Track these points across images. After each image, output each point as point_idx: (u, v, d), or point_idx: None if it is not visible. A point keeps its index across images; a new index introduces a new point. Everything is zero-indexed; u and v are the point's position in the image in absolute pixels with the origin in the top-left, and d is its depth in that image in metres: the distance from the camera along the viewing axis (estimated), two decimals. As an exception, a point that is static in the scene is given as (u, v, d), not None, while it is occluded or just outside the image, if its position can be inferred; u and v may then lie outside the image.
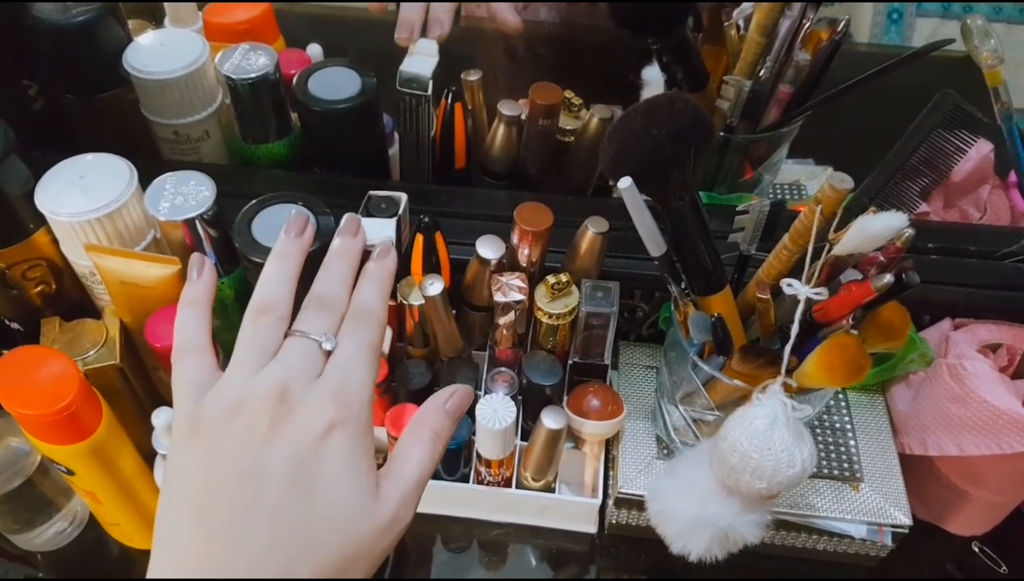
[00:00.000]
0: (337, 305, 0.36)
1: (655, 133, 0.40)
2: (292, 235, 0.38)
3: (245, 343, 0.34)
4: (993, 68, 0.52)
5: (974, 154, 0.60)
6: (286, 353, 0.34)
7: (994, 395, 0.48)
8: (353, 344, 0.34)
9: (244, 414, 0.32)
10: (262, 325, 0.35)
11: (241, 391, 0.32)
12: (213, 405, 0.32)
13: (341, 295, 0.36)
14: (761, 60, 0.54)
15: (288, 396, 0.32)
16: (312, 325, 0.35)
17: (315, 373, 0.33)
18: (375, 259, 0.38)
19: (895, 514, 0.51)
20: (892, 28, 0.93)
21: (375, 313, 0.36)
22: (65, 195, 0.47)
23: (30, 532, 0.53)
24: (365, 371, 0.34)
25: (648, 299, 0.57)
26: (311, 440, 0.31)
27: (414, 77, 0.53)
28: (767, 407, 0.40)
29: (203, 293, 0.37)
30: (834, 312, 0.41)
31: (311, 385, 0.33)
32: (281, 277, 0.37)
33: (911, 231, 0.40)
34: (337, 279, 0.37)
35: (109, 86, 0.58)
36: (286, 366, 0.33)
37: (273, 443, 0.31)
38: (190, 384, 0.33)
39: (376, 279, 0.38)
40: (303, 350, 0.34)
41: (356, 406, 0.33)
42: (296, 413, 0.32)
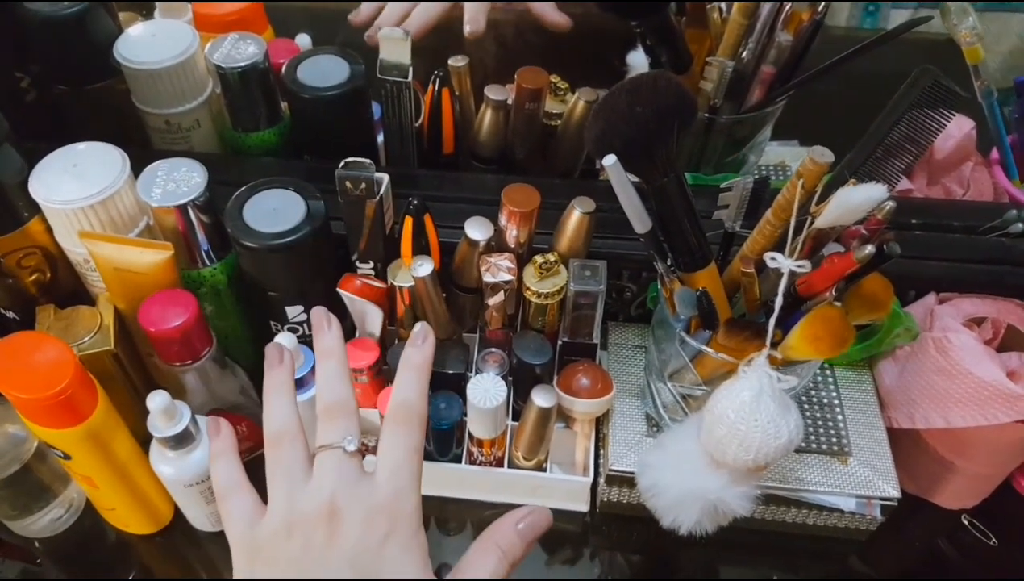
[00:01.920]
0: (345, 406, 0.37)
1: (639, 111, 0.40)
2: (275, 368, 0.40)
3: (274, 473, 0.36)
4: (972, 46, 0.53)
5: (956, 132, 0.61)
6: (319, 471, 0.36)
7: (979, 367, 0.49)
8: (399, 450, 0.36)
9: (298, 533, 0.34)
10: (282, 451, 0.37)
11: (289, 514, 0.35)
12: (265, 532, 0.35)
13: (345, 394, 0.38)
14: (744, 41, 0.54)
15: (336, 509, 0.34)
16: (331, 435, 0.36)
17: (353, 479, 0.35)
18: (415, 345, 0.39)
19: (884, 487, 0.52)
20: (868, 20, 0.94)
21: (416, 410, 0.37)
22: (58, 183, 0.48)
23: (27, 518, 0.53)
24: (412, 477, 0.36)
25: (636, 279, 0.57)
26: (370, 548, 0.33)
27: (395, 64, 0.54)
28: (752, 379, 0.41)
29: (227, 445, 0.40)
30: (818, 285, 0.42)
31: (357, 494, 0.35)
32: (281, 406, 0.38)
33: (892, 203, 0.41)
34: (334, 381, 0.38)
35: (100, 77, 0.58)
36: (325, 482, 0.35)
37: (333, 553, 0.33)
38: (239, 517, 0.36)
39: (415, 368, 0.39)
40: (333, 462, 0.35)
41: (406, 513, 0.35)
42: (347, 524, 0.34)
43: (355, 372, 0.52)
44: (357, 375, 0.52)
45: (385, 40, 0.54)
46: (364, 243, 0.51)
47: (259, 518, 0.36)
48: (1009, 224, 0.55)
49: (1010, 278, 0.54)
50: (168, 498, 0.54)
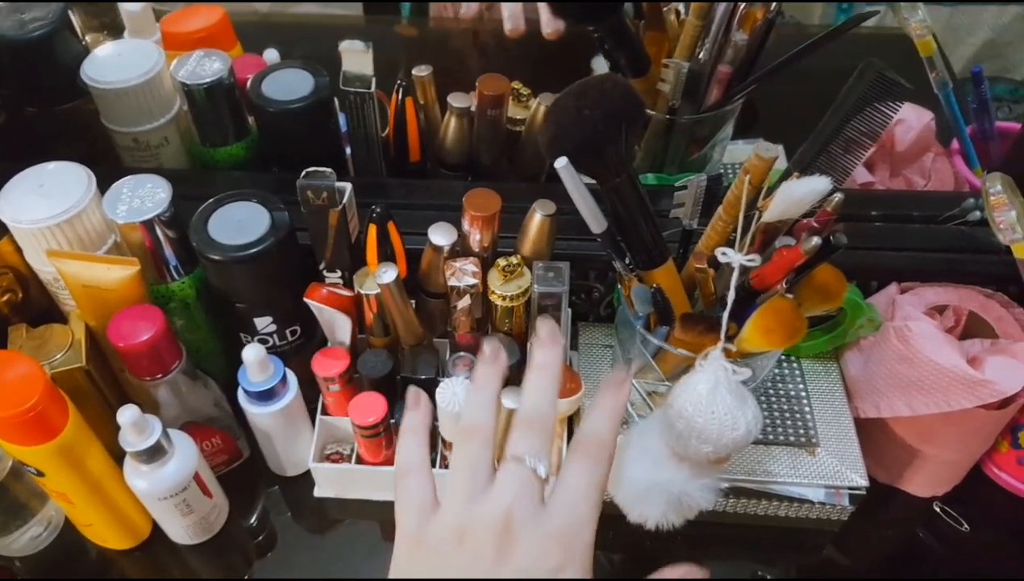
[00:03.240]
0: (546, 426, 0.36)
1: (587, 113, 0.41)
2: (488, 364, 0.39)
3: (459, 468, 0.35)
4: (923, 38, 0.54)
5: (916, 123, 0.62)
6: (503, 481, 0.34)
7: (939, 354, 0.50)
8: (585, 480, 0.35)
9: (469, 542, 0.33)
10: (472, 448, 0.36)
11: (464, 518, 0.33)
12: (437, 529, 0.34)
13: (549, 414, 0.37)
14: (700, 42, 0.55)
15: (511, 527, 0.33)
16: (525, 448, 0.35)
17: (533, 501, 0.34)
18: (613, 387, 0.38)
19: (851, 476, 0.52)
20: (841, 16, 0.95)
21: (607, 447, 0.36)
22: (25, 203, 0.49)
23: (6, 537, 0.54)
24: (591, 512, 0.34)
25: (603, 279, 0.58)
26: (540, 576, 0.32)
27: (358, 76, 0.55)
28: (708, 373, 0.41)
29: (422, 422, 0.39)
30: (770, 278, 0.42)
31: (535, 517, 0.33)
32: (485, 399, 0.37)
33: (840, 196, 0.41)
34: (543, 397, 0.37)
35: (69, 98, 0.59)
36: (507, 495, 0.34)
37: (502, 572, 0.32)
38: (414, 503, 0.35)
39: (612, 409, 0.37)
40: (520, 478, 0.34)
41: (580, 549, 0.33)
42: (521, 545, 0.32)
43: (326, 381, 0.53)
44: (328, 384, 0.53)
45: (347, 52, 0.55)
46: (330, 252, 0.52)
47: (432, 510, 0.35)
48: (968, 212, 0.56)
49: (971, 266, 0.55)
50: (145, 512, 0.54)
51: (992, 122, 0.61)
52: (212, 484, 0.53)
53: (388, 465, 0.55)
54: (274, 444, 0.55)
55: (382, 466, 0.55)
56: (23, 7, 0.58)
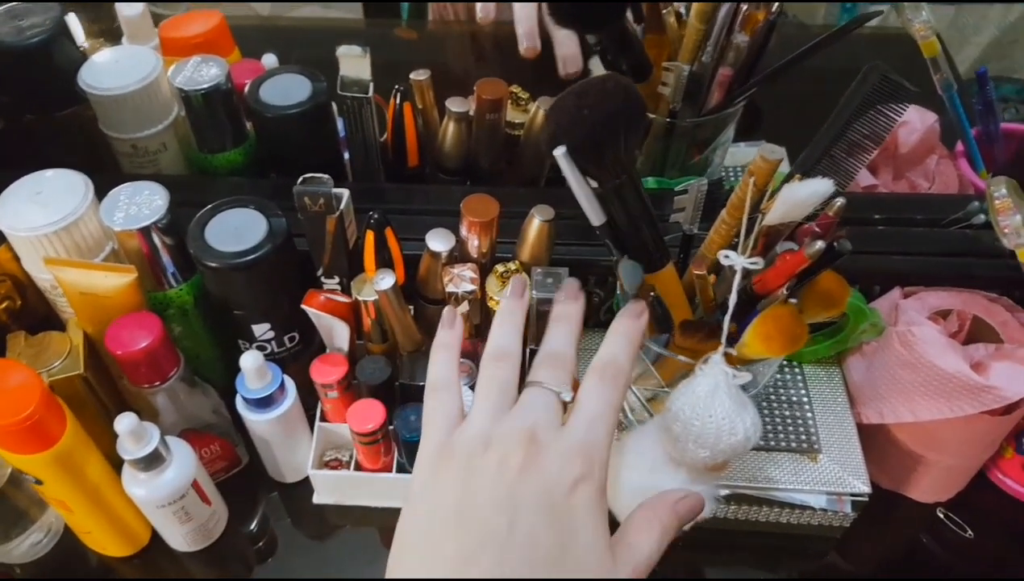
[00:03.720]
0: (567, 363, 0.38)
1: (586, 113, 0.41)
2: (516, 296, 0.41)
3: (487, 385, 0.37)
4: (927, 39, 0.53)
5: (920, 125, 0.61)
6: (530, 400, 0.36)
7: (942, 359, 0.49)
8: (601, 402, 0.36)
9: (495, 449, 0.33)
10: (500, 369, 0.37)
11: (491, 427, 0.34)
12: (464, 437, 0.35)
13: (570, 354, 0.38)
14: (702, 45, 0.55)
15: (536, 439, 0.34)
16: (550, 378, 0.36)
17: (557, 422, 0.35)
18: (630, 315, 0.40)
19: (854, 483, 0.52)
20: (845, 16, 0.94)
21: (623, 372, 0.37)
22: (22, 211, 0.49)
23: (6, 544, 0.54)
24: (608, 431, 0.35)
25: (602, 285, 0.58)
26: (563, 486, 0.33)
27: (355, 81, 0.54)
28: (708, 376, 0.41)
29: (455, 339, 0.40)
30: (772, 282, 0.42)
31: (558, 433, 0.34)
32: (512, 329, 0.39)
33: (842, 200, 0.41)
34: (565, 339, 0.39)
35: (67, 104, 0.59)
36: (532, 412, 0.35)
37: (527, 479, 0.32)
38: (442, 416, 0.36)
39: (627, 336, 0.39)
40: (545, 399, 0.35)
41: (599, 464, 0.34)
42: (545, 457, 0.33)
43: (324, 387, 0.53)
44: (327, 390, 0.53)
45: (344, 57, 0.55)
46: (327, 258, 0.51)
47: (459, 423, 0.35)
48: (972, 216, 0.55)
49: (975, 270, 0.54)
50: (144, 520, 0.54)
51: (997, 124, 0.60)
52: (211, 491, 0.53)
53: (387, 471, 0.54)
54: (273, 451, 0.55)
55: (381, 472, 0.54)
56: (21, 13, 0.57)
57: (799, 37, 0.89)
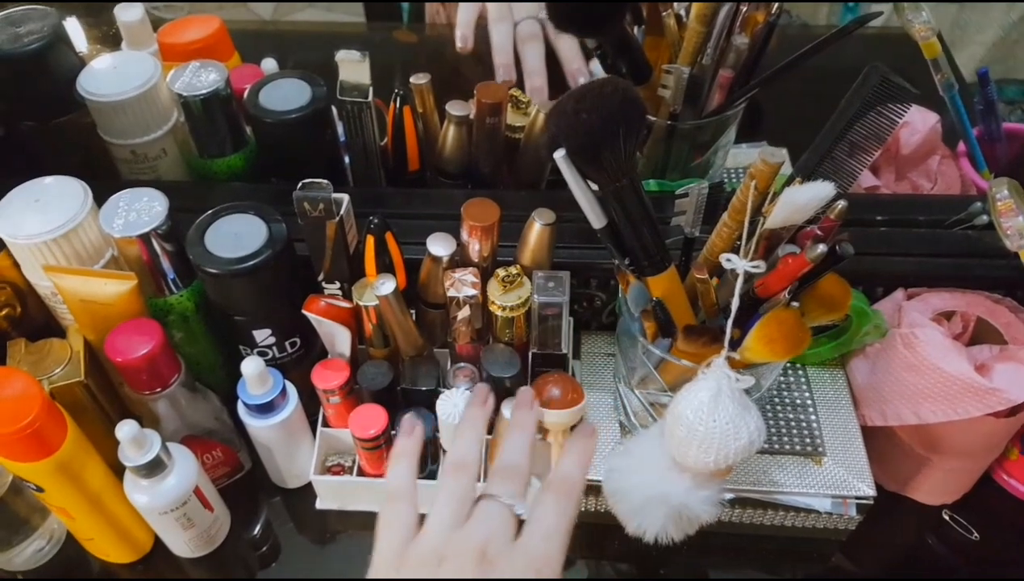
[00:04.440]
0: (522, 474, 0.40)
1: (585, 117, 0.40)
2: (478, 405, 0.44)
3: (445, 498, 0.38)
4: (927, 40, 0.53)
5: (921, 126, 0.61)
6: (485, 514, 0.37)
7: (946, 361, 0.49)
8: (555, 517, 0.38)
9: (448, 565, 0.35)
10: (460, 481, 0.39)
11: (445, 543, 0.36)
12: (420, 551, 0.36)
13: (525, 465, 0.41)
14: (702, 47, 0.54)
15: (488, 555, 0.35)
16: (505, 491, 0.38)
17: (511, 535, 0.37)
18: (584, 436, 0.43)
19: (858, 486, 0.51)
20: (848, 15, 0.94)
21: (578, 487, 0.40)
22: (22, 219, 0.48)
23: (8, 552, 0.53)
24: (561, 547, 0.37)
25: (604, 287, 0.57)
26: None
27: (355, 85, 0.54)
28: (711, 380, 0.40)
29: (414, 447, 0.42)
30: (774, 286, 0.42)
31: (511, 549, 0.36)
32: (473, 438, 0.42)
33: (843, 203, 0.41)
34: (519, 451, 0.41)
35: (66, 111, 0.59)
36: (485, 526, 0.37)
37: None
38: (399, 525, 0.38)
39: (584, 453, 0.42)
40: (499, 513, 0.37)
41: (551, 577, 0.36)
42: (497, 571, 0.35)
43: (326, 393, 0.52)
44: (328, 396, 0.53)
45: (344, 62, 0.55)
46: (328, 264, 0.51)
47: (414, 535, 0.37)
48: (975, 216, 0.55)
49: (978, 270, 0.54)
50: (147, 526, 0.54)
51: (999, 123, 0.60)
52: (213, 497, 0.53)
53: (389, 477, 0.54)
54: (275, 456, 0.55)
55: (383, 478, 0.54)
56: (19, 20, 0.57)
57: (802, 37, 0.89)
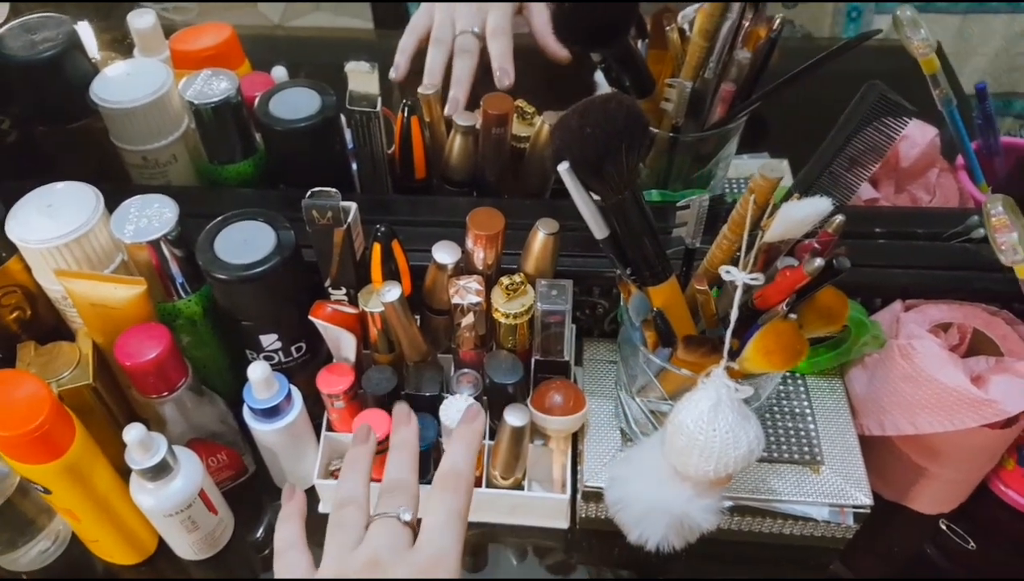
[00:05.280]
0: (406, 487, 0.41)
1: (589, 131, 0.41)
2: (360, 444, 0.45)
3: (333, 531, 0.40)
4: (926, 56, 0.54)
5: (920, 140, 0.62)
6: (373, 532, 0.39)
7: (943, 373, 0.49)
8: (443, 511, 0.39)
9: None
10: (346, 513, 0.40)
11: (340, 567, 0.38)
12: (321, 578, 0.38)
13: (409, 479, 0.42)
14: (705, 61, 0.55)
15: (380, 563, 0.37)
16: (388, 505, 0.40)
17: (402, 544, 0.38)
18: (465, 422, 0.44)
19: (856, 495, 0.52)
20: (851, 26, 0.95)
21: (463, 476, 0.40)
22: (34, 223, 0.49)
23: (13, 553, 0.54)
24: (454, 539, 0.38)
25: (607, 295, 0.58)
26: None
27: (363, 95, 0.55)
28: (710, 390, 0.41)
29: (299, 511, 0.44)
30: (772, 298, 0.42)
31: (402, 555, 0.37)
32: (356, 476, 0.43)
33: (841, 217, 0.41)
34: (403, 467, 0.42)
35: (79, 116, 0.60)
36: (374, 540, 0.38)
37: None
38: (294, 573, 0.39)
39: (465, 441, 0.42)
40: (385, 527, 0.39)
41: (449, 571, 0.37)
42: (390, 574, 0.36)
43: (331, 397, 0.53)
44: (333, 400, 0.53)
45: (353, 72, 0.56)
46: (335, 270, 0.52)
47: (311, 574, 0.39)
48: (972, 229, 0.55)
49: (975, 283, 0.55)
50: (151, 528, 0.54)
51: (997, 137, 0.61)
52: (217, 500, 0.54)
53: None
54: (279, 460, 0.56)
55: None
56: (34, 27, 0.58)
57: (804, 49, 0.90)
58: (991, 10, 0.97)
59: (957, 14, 0.94)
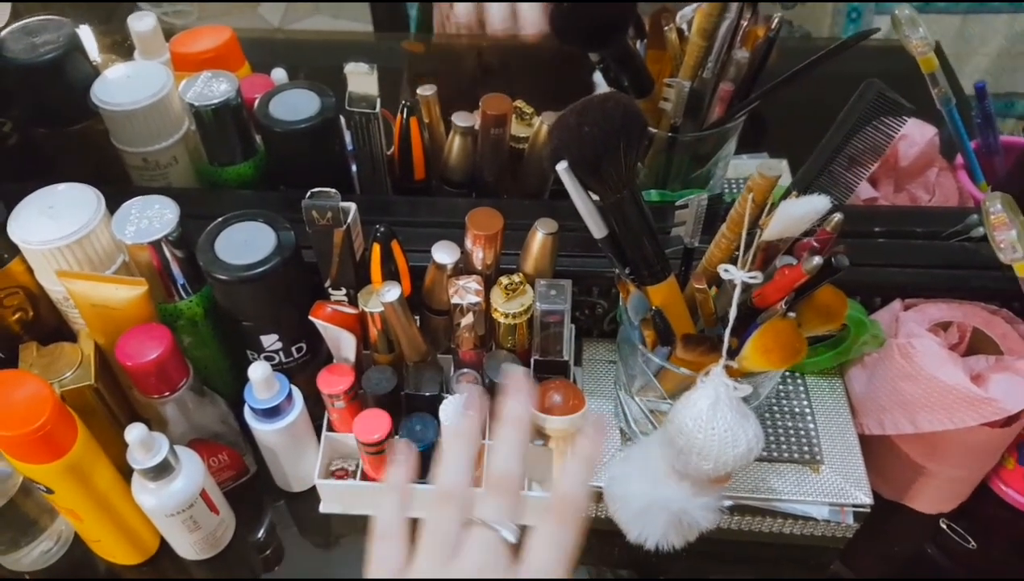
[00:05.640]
0: (514, 486, 0.36)
1: (587, 130, 0.41)
2: (469, 412, 0.39)
3: (432, 533, 0.35)
4: (924, 55, 0.54)
5: (919, 139, 0.62)
6: (472, 547, 0.34)
7: (942, 371, 0.49)
8: (552, 549, 0.34)
9: None
10: (446, 514, 0.35)
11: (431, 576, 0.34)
12: None
13: (517, 473, 0.37)
14: (703, 61, 0.55)
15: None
16: (494, 514, 0.35)
17: (502, 565, 0.34)
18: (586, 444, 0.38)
19: (856, 494, 0.52)
20: (851, 27, 0.95)
21: (578, 509, 0.36)
22: (36, 225, 0.50)
23: (16, 553, 0.54)
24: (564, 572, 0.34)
25: (606, 295, 0.58)
26: None
27: (363, 97, 0.55)
28: (709, 389, 0.41)
29: (405, 480, 0.38)
30: (771, 296, 0.42)
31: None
32: (461, 461, 0.37)
33: (839, 216, 0.42)
34: (512, 455, 0.37)
35: (80, 118, 0.60)
36: (474, 562, 0.34)
37: None
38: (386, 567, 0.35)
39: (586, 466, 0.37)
40: (488, 545, 0.34)
41: None
42: None
43: (331, 397, 0.53)
44: (333, 400, 0.54)
45: (352, 74, 0.56)
46: (335, 270, 0.52)
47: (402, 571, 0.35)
48: (971, 228, 0.55)
49: (975, 282, 0.55)
50: (153, 528, 0.54)
51: (996, 136, 0.61)
52: (219, 500, 0.54)
53: (393, 481, 0.55)
54: (280, 460, 0.56)
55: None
56: (35, 30, 0.59)
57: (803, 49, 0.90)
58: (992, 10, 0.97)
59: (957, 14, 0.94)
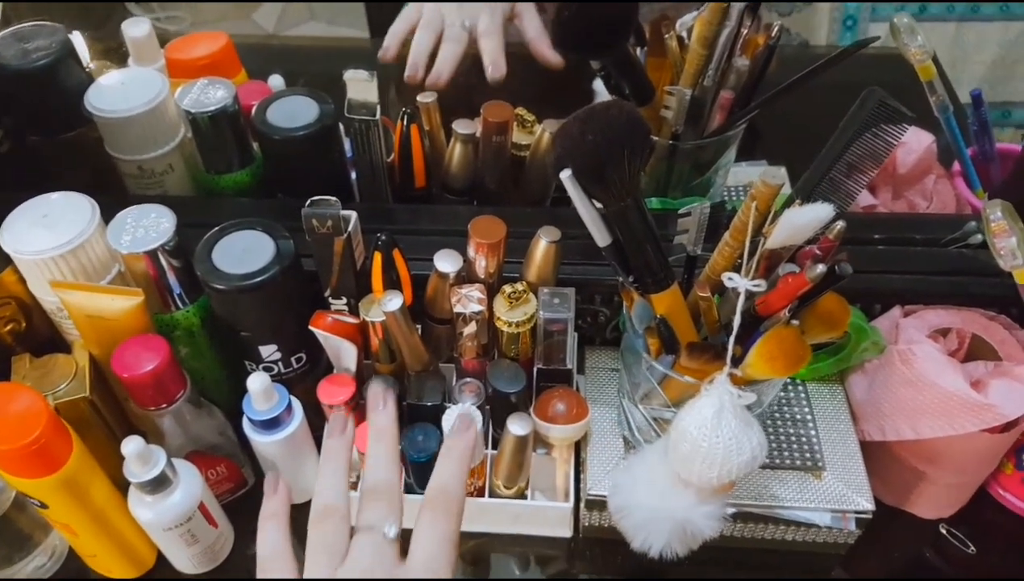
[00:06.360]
0: (389, 490, 0.38)
1: (591, 138, 0.41)
2: (336, 436, 0.40)
3: (314, 548, 0.36)
4: (923, 63, 0.54)
5: (917, 146, 0.62)
6: (356, 552, 0.36)
7: (943, 378, 0.50)
8: (434, 539, 0.36)
9: None
10: (327, 528, 0.37)
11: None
12: None
13: (391, 479, 0.38)
14: (704, 69, 0.56)
15: None
16: (371, 517, 0.36)
17: (388, 565, 0.35)
18: (455, 434, 0.40)
19: (858, 500, 0.52)
20: (847, 34, 0.96)
21: (454, 497, 0.37)
22: (29, 234, 0.49)
23: (9, 568, 0.53)
24: (446, 568, 0.35)
25: (608, 303, 0.58)
26: None
27: (362, 103, 0.55)
28: (713, 396, 0.41)
29: (283, 508, 0.39)
30: (775, 304, 0.42)
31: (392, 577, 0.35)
32: (335, 479, 0.39)
33: (842, 224, 0.42)
34: (382, 463, 0.39)
35: (73, 126, 0.59)
36: (360, 565, 0.35)
37: None
38: None
39: (455, 455, 0.39)
40: (371, 546, 0.35)
41: None
42: None
43: (332, 408, 0.53)
44: (334, 411, 0.53)
45: (351, 80, 0.56)
46: (335, 279, 0.52)
47: None
48: (970, 235, 0.56)
49: (973, 288, 0.55)
50: (150, 542, 0.54)
51: (992, 144, 0.61)
52: (217, 513, 0.53)
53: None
54: (279, 472, 0.55)
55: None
56: (27, 36, 0.58)
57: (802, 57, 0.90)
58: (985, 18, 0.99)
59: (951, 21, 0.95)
